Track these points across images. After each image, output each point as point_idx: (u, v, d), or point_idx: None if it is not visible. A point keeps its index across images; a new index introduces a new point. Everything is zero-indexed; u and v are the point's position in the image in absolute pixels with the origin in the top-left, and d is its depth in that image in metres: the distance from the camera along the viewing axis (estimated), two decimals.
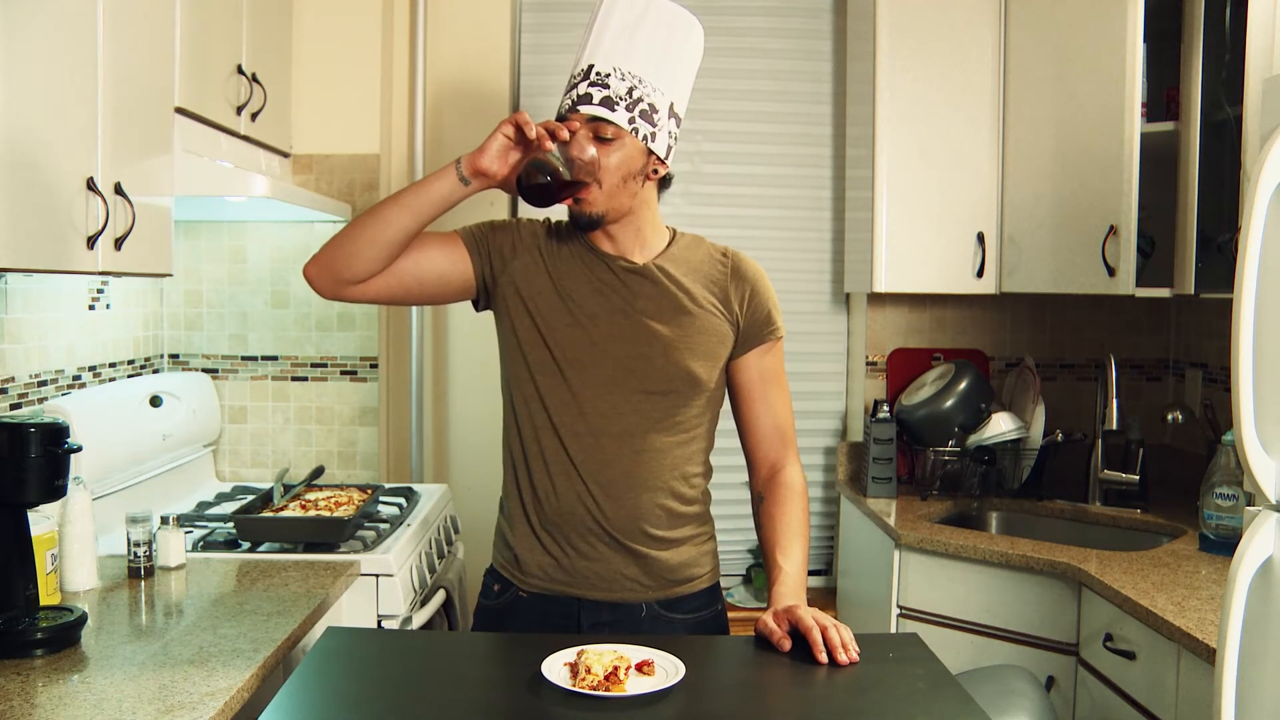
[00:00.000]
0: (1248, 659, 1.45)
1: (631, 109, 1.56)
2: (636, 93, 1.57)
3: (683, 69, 1.64)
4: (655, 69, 1.59)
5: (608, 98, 1.55)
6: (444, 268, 1.65)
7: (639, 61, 1.58)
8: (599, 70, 1.57)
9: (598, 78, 1.57)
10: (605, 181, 1.57)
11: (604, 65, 1.57)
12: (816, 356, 3.19)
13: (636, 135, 1.57)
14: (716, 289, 1.66)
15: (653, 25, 1.60)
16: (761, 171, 3.15)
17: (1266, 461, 1.48)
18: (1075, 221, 2.65)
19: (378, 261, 1.58)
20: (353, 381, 2.93)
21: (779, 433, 1.70)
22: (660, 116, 1.60)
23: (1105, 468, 2.76)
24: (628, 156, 1.58)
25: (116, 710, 1.34)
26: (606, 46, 1.59)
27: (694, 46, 1.66)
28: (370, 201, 2.88)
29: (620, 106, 1.56)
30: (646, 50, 1.59)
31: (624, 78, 1.57)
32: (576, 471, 1.62)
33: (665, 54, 1.61)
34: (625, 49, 1.58)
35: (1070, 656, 2.22)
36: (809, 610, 1.46)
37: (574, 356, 1.61)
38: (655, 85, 1.59)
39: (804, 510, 1.66)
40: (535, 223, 1.70)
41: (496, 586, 1.71)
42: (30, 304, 2.17)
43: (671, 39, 1.62)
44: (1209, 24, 2.37)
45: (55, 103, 1.67)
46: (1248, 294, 1.46)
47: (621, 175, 1.58)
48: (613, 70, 1.57)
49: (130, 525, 1.94)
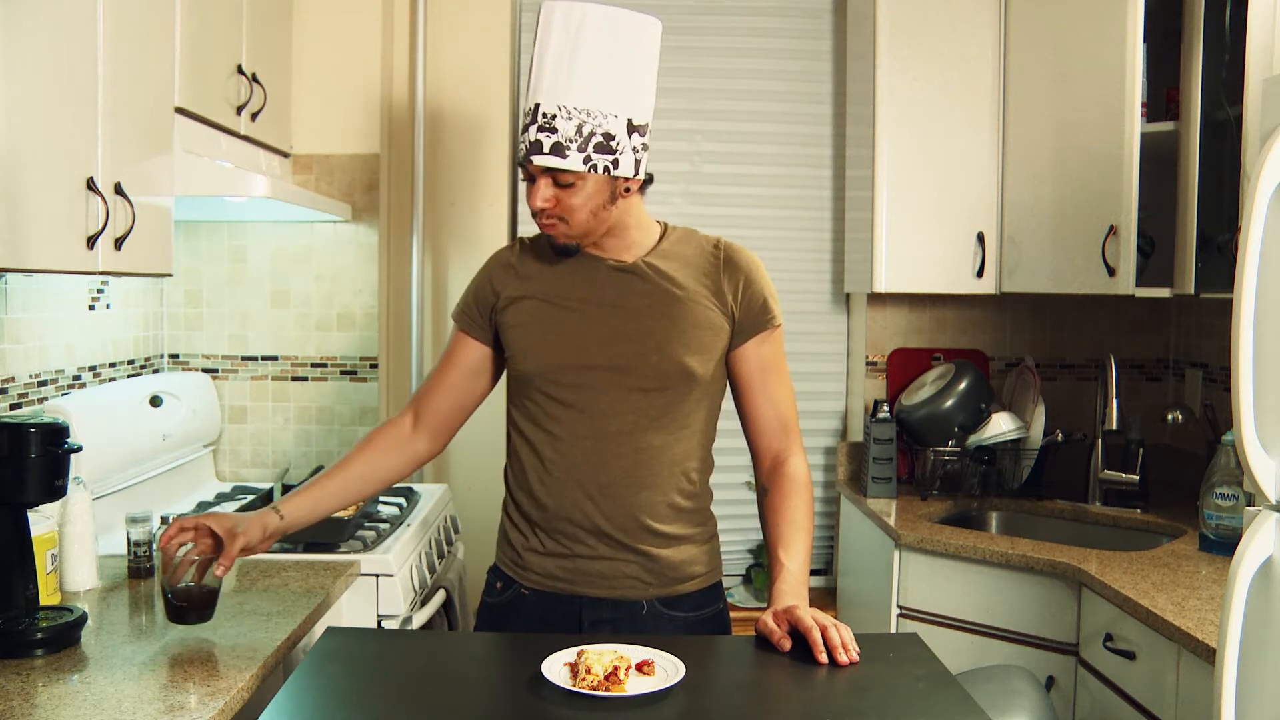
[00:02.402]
0: (1248, 659, 1.45)
1: (584, 148, 1.51)
2: (586, 128, 1.51)
3: (635, 79, 1.56)
4: (601, 95, 1.52)
5: (557, 144, 1.50)
6: (473, 370, 1.72)
7: (580, 94, 1.51)
8: (545, 111, 1.51)
9: (544, 120, 1.51)
10: (573, 220, 1.57)
11: (548, 105, 1.51)
12: (816, 356, 3.19)
13: (596, 171, 1.53)
14: (709, 281, 1.65)
15: (590, 46, 1.52)
16: (761, 171, 3.15)
17: (1266, 461, 1.48)
18: (1075, 221, 2.65)
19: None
20: (353, 381, 2.93)
21: (781, 423, 1.69)
22: (619, 141, 1.53)
23: (1105, 468, 2.76)
24: (591, 194, 1.55)
25: (116, 710, 1.34)
26: (548, 81, 1.52)
27: (646, 48, 1.57)
28: (371, 202, 2.89)
29: (572, 149, 1.51)
30: (586, 78, 1.52)
31: (570, 115, 1.51)
32: (576, 472, 1.62)
33: (609, 75, 1.53)
34: (565, 83, 1.51)
35: (1070, 656, 2.22)
36: (809, 610, 1.46)
37: (566, 358, 1.62)
38: (604, 111, 1.52)
39: (808, 503, 1.65)
40: (505, 251, 1.74)
41: (499, 584, 1.72)
42: (30, 304, 2.17)
43: (615, 54, 1.54)
44: (1209, 24, 2.37)
45: (55, 103, 1.67)
46: (1248, 294, 1.46)
47: (589, 210, 1.56)
48: (557, 110, 1.51)
49: (130, 525, 1.94)
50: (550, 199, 1.55)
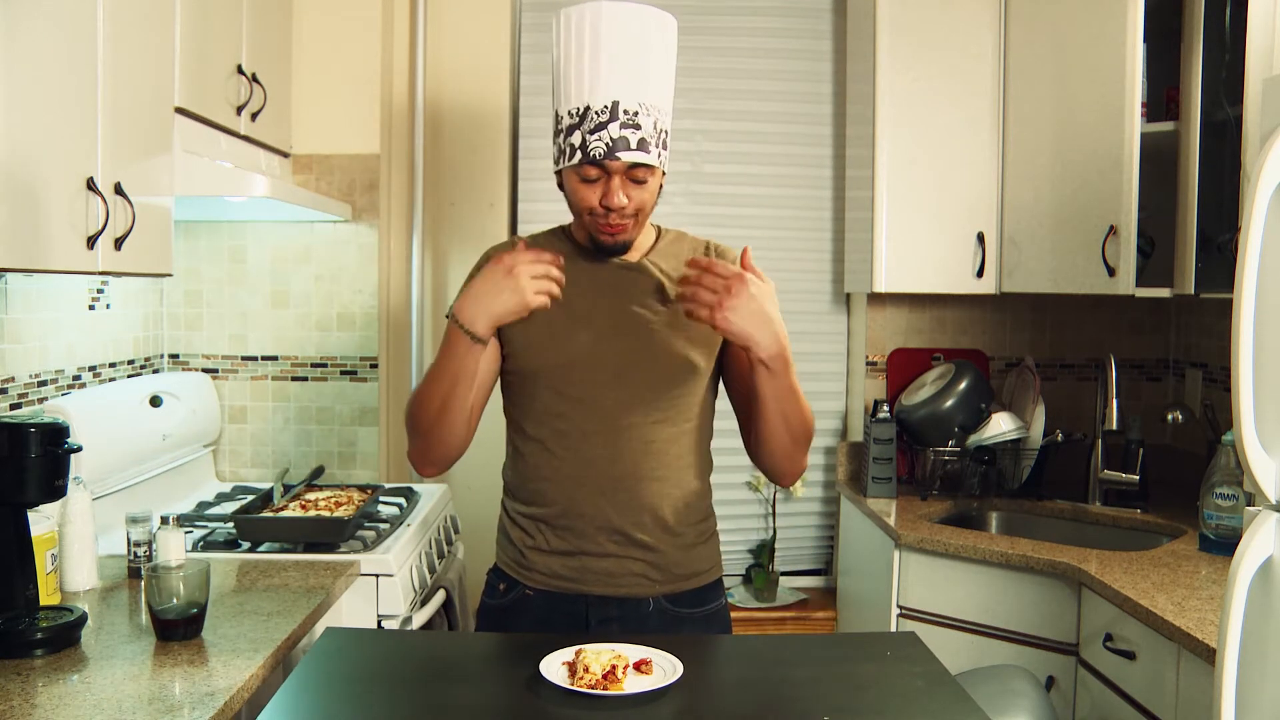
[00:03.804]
0: (1248, 659, 1.45)
1: (660, 144, 1.56)
2: (660, 125, 1.56)
3: (670, 76, 1.62)
4: (665, 93, 1.58)
5: (643, 140, 1.52)
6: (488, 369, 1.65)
7: (655, 91, 1.55)
8: (626, 108, 1.51)
9: (628, 117, 1.51)
10: (642, 217, 1.60)
11: (629, 102, 1.52)
12: (816, 356, 3.19)
13: (661, 166, 1.58)
14: None
15: (652, 44, 1.56)
16: (761, 171, 3.15)
17: (1266, 461, 1.48)
18: (1075, 221, 2.65)
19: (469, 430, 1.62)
20: (353, 381, 2.93)
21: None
22: (669, 136, 1.60)
23: (1105, 468, 2.76)
24: (655, 187, 1.60)
25: (116, 710, 1.34)
26: (622, 78, 1.52)
27: (672, 44, 1.62)
28: (371, 202, 2.88)
29: (652, 144, 1.54)
30: (658, 76, 1.56)
31: (649, 112, 1.53)
32: (587, 468, 1.62)
33: (668, 73, 1.59)
34: (642, 81, 1.54)
35: (1070, 656, 2.22)
36: (735, 273, 1.47)
37: (574, 355, 1.62)
38: (664, 109, 1.58)
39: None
40: (504, 247, 1.72)
41: (502, 585, 1.71)
42: (30, 304, 2.17)
43: (667, 53, 1.59)
44: (1209, 24, 2.37)
45: (55, 103, 1.67)
46: (1248, 294, 1.46)
47: (651, 204, 1.61)
48: (639, 107, 1.52)
49: (130, 525, 1.94)
50: (630, 198, 1.55)
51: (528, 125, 3.05)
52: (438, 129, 2.94)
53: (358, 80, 2.88)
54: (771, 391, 1.53)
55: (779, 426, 1.57)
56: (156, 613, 1.60)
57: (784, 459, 1.63)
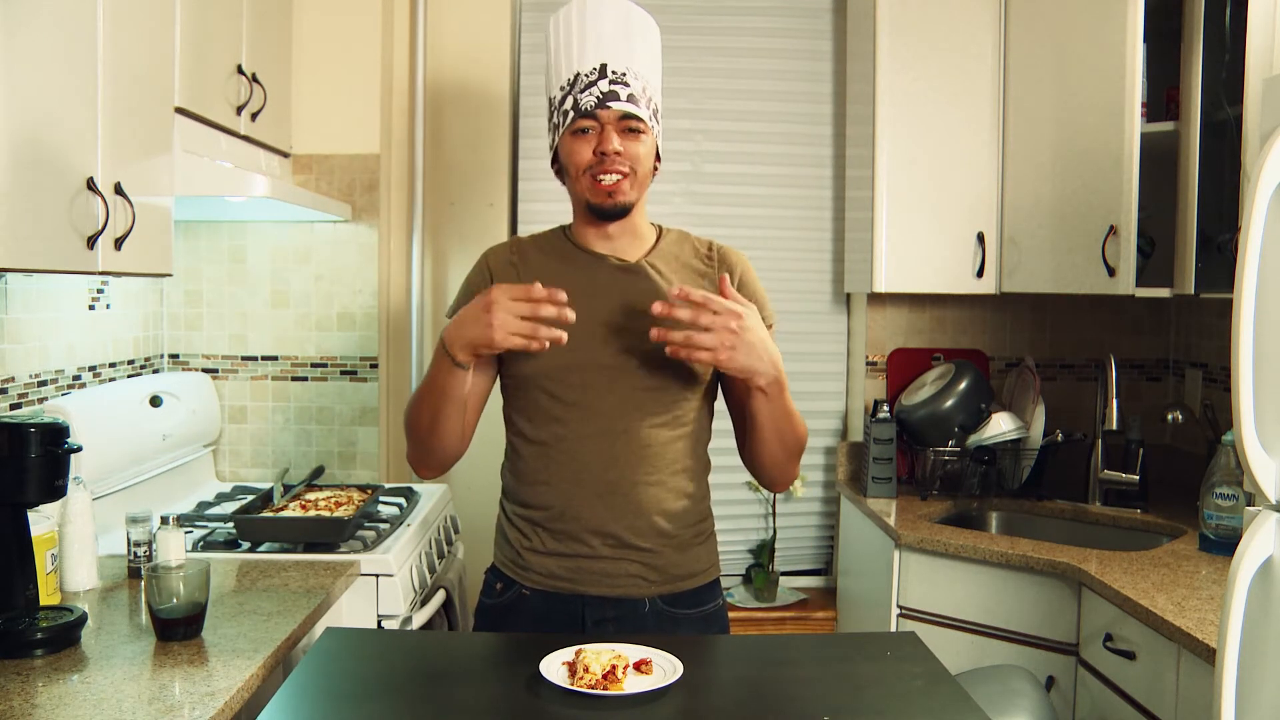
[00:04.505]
0: (1248, 659, 1.45)
1: (650, 109, 1.63)
2: (648, 91, 1.63)
3: (656, 64, 1.70)
4: (647, 65, 1.65)
5: (632, 94, 1.60)
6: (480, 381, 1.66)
7: (641, 63, 1.63)
8: (614, 70, 1.60)
9: (616, 75, 1.59)
10: (639, 170, 1.63)
11: (617, 64, 1.60)
12: (816, 356, 3.19)
13: (653, 131, 1.63)
14: (705, 282, 1.68)
15: (638, 30, 1.65)
16: (761, 171, 3.15)
17: (1266, 461, 1.48)
18: (1075, 221, 2.65)
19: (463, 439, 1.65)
20: (353, 381, 2.93)
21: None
22: (660, 115, 1.67)
23: (1105, 468, 2.76)
24: (649, 150, 1.64)
25: (116, 710, 1.34)
26: (610, 45, 1.61)
27: (655, 40, 1.70)
28: (371, 202, 2.88)
29: (642, 103, 1.61)
30: (643, 52, 1.65)
31: (637, 76, 1.61)
32: (582, 471, 1.62)
33: (651, 54, 1.67)
34: (627, 50, 1.62)
35: (1070, 656, 2.22)
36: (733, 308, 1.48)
37: (572, 359, 1.62)
38: (653, 84, 1.66)
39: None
40: (503, 249, 1.74)
41: (499, 585, 1.71)
42: (30, 304, 2.17)
43: (650, 40, 1.67)
44: (1209, 24, 2.37)
45: (55, 103, 1.67)
46: (1248, 294, 1.46)
47: (647, 167, 1.64)
48: (626, 70, 1.60)
49: (130, 525, 1.94)
50: (621, 146, 1.59)
51: (527, 125, 3.05)
52: (438, 129, 2.94)
53: (358, 80, 2.88)
54: (768, 414, 1.57)
55: (774, 443, 1.61)
56: (156, 613, 1.60)
57: (776, 470, 1.68)
